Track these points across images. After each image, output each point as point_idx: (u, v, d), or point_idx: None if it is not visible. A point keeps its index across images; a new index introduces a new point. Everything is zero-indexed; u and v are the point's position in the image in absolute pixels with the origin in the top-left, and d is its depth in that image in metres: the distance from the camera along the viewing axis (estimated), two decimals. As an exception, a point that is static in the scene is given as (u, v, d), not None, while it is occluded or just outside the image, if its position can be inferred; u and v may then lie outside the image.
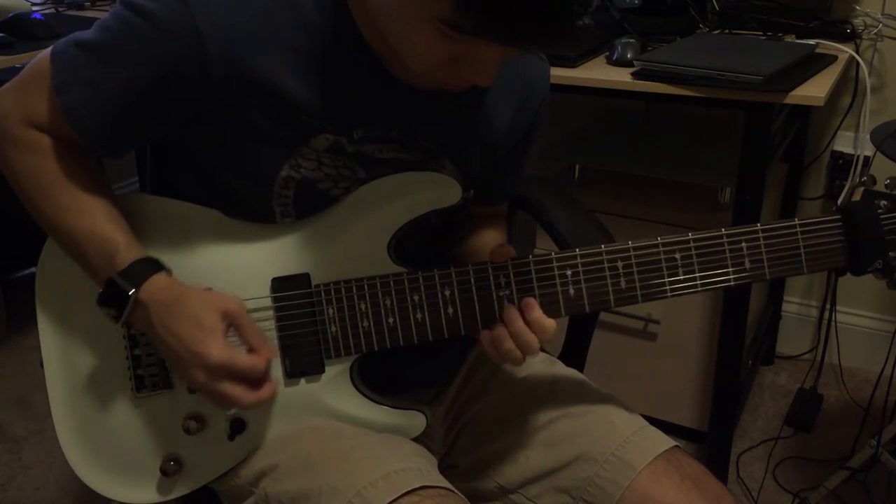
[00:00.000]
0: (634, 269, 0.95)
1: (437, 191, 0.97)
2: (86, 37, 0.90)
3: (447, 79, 0.85)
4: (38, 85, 0.92)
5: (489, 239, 1.13)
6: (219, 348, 0.87)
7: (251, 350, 0.91)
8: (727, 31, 1.93)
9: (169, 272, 0.93)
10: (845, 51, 1.79)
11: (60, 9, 2.46)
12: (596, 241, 1.24)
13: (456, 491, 0.93)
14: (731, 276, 0.95)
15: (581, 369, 1.21)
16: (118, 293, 0.90)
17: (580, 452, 1.01)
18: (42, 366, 1.00)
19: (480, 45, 0.78)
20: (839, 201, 2.15)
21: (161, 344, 0.91)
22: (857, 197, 0.96)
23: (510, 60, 0.84)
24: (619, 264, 0.95)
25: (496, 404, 1.10)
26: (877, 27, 1.98)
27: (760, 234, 0.95)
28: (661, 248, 0.95)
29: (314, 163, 0.94)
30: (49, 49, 0.92)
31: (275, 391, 0.93)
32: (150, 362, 0.98)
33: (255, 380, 0.91)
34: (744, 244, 0.95)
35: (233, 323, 0.91)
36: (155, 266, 0.92)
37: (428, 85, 0.91)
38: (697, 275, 0.95)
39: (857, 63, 1.94)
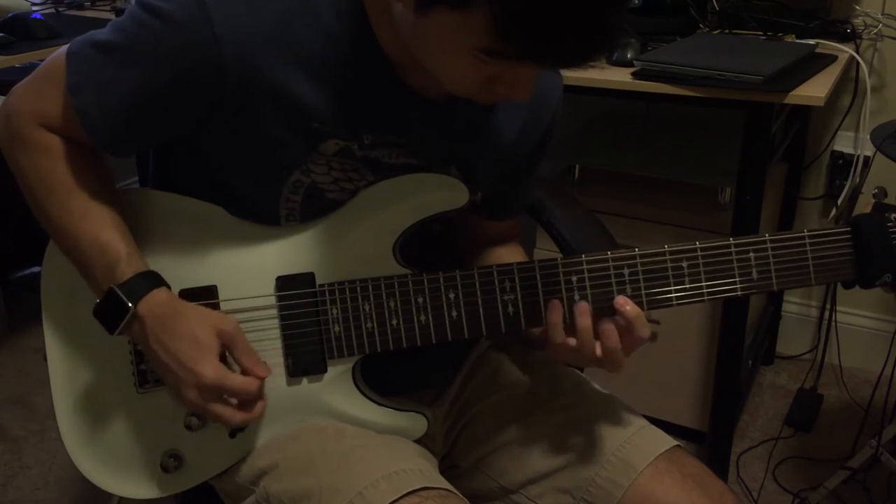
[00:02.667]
0: (641, 276, 0.94)
1: (445, 192, 0.97)
2: (101, 37, 0.90)
3: (484, 96, 0.85)
4: (53, 84, 0.92)
5: (503, 256, 1.13)
6: (213, 368, 0.88)
7: (244, 371, 0.91)
8: (727, 31, 1.93)
9: (168, 287, 0.93)
10: (845, 51, 1.79)
11: (60, 9, 2.46)
12: (596, 241, 1.26)
13: (457, 492, 0.93)
14: (738, 287, 0.94)
15: (581, 369, 1.21)
16: (116, 305, 0.90)
17: (581, 452, 1.01)
18: (46, 360, 1.00)
19: (517, 67, 0.79)
20: (839, 202, 2.15)
21: (155, 359, 0.91)
22: (864, 209, 0.95)
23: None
24: (626, 271, 0.94)
25: (497, 405, 1.10)
26: (877, 27, 1.98)
27: (769, 245, 0.94)
28: (668, 257, 0.94)
29: (324, 167, 0.94)
30: (65, 48, 0.92)
31: (264, 408, 0.93)
32: (148, 356, 0.98)
33: (248, 400, 0.91)
34: (751, 254, 0.94)
35: (227, 343, 0.90)
36: (155, 281, 0.92)
37: (445, 95, 0.91)
38: (704, 284, 0.94)
39: (857, 63, 1.94)
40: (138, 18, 0.88)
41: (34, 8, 2.39)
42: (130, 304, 0.89)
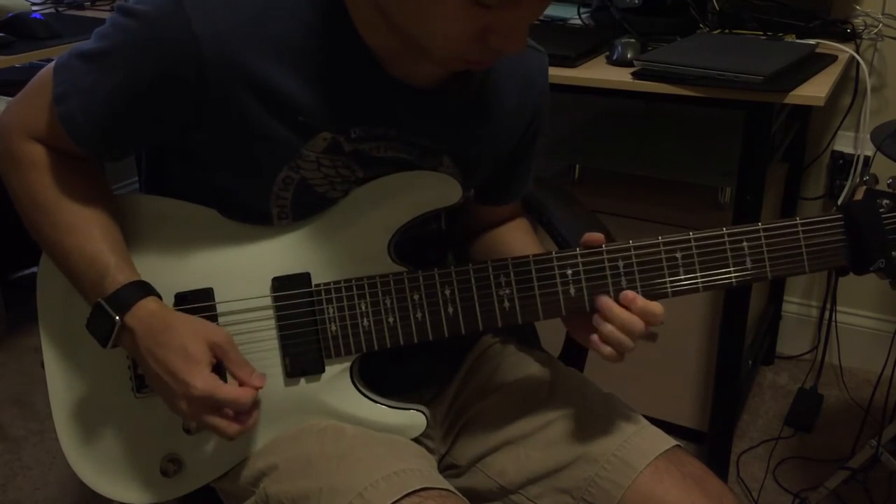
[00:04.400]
0: (635, 268, 0.95)
1: (438, 190, 0.97)
2: (85, 47, 0.91)
3: (477, 54, 0.84)
4: (40, 97, 0.93)
5: (517, 239, 1.13)
6: (203, 380, 0.87)
7: (240, 383, 0.91)
8: (727, 31, 1.93)
9: (158, 296, 0.93)
10: (845, 51, 1.79)
11: (60, 9, 2.46)
12: (596, 241, 1.25)
13: (456, 492, 0.93)
14: (733, 276, 0.95)
15: (581, 369, 1.21)
16: (105, 319, 0.90)
17: (581, 452, 1.01)
18: (43, 366, 0.99)
19: (510, 7, 0.78)
20: (839, 201, 2.15)
21: (148, 370, 0.91)
22: (858, 196, 0.96)
23: (508, 55, 0.84)
24: (620, 264, 0.95)
25: (496, 404, 1.10)
26: (877, 27, 1.98)
27: (762, 234, 0.94)
28: (662, 248, 0.94)
29: (313, 164, 0.94)
30: (53, 62, 0.93)
31: (257, 418, 0.93)
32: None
33: (241, 411, 0.91)
34: (745, 243, 0.94)
35: (219, 355, 0.90)
36: (143, 290, 0.91)
37: (441, 71, 0.91)
38: (699, 274, 0.95)
39: (858, 63, 1.94)
40: (117, 23, 0.88)
41: (34, 8, 2.39)
42: (117, 318, 0.89)
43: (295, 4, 0.89)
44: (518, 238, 1.14)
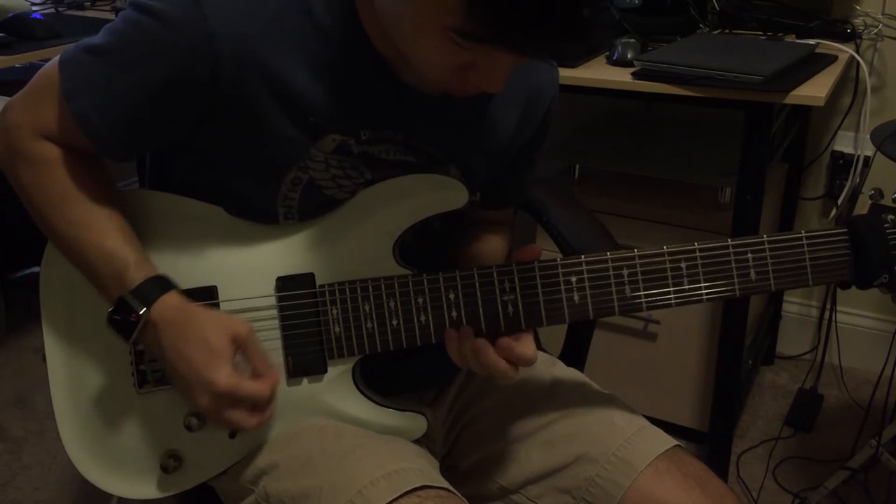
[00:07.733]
0: (640, 277, 0.94)
1: (444, 193, 0.97)
2: (95, 42, 0.90)
3: (457, 85, 0.85)
4: (48, 94, 0.91)
5: (490, 244, 1.13)
6: (226, 375, 0.87)
7: (255, 373, 0.91)
8: (727, 31, 1.94)
9: (179, 291, 0.93)
10: (845, 51, 1.79)
11: (60, 9, 2.46)
12: (596, 241, 1.26)
13: (456, 492, 0.93)
14: (737, 288, 0.94)
15: (581, 369, 1.21)
16: (128, 313, 0.90)
17: (581, 452, 1.01)
18: (45, 360, 1.00)
19: (491, 53, 0.78)
20: (839, 201, 2.15)
21: (169, 365, 0.91)
22: (863, 210, 0.95)
23: (519, 66, 0.84)
24: (625, 272, 0.94)
25: (497, 405, 1.10)
26: (877, 27, 1.98)
27: (767, 246, 0.94)
28: (667, 258, 0.94)
29: (322, 164, 0.94)
30: (57, 57, 0.92)
31: (272, 412, 0.93)
32: (152, 358, 0.97)
33: (260, 404, 0.91)
34: (750, 255, 0.94)
35: (240, 346, 0.90)
36: (165, 285, 0.91)
37: (436, 90, 0.92)
38: (702, 285, 0.94)
39: (858, 63, 1.94)
40: (131, 19, 0.87)
41: (34, 8, 2.39)
42: (143, 311, 0.89)
43: (309, 7, 0.89)
44: (491, 251, 1.13)
